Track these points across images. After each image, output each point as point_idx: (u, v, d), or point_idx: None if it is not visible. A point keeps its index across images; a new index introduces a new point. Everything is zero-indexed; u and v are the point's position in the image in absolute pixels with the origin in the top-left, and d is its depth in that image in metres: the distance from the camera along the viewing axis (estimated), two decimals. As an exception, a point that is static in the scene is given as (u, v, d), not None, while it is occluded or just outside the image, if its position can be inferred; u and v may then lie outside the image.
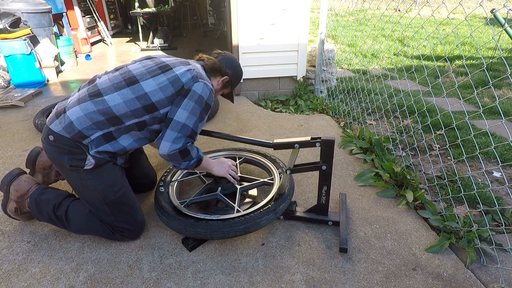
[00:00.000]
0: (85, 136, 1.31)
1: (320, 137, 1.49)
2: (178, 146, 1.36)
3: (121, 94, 1.33)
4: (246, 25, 3.14)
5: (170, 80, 1.37)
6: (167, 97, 1.36)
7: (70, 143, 1.32)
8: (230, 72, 1.59)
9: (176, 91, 1.37)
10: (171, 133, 1.35)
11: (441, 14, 10.53)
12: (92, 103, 1.31)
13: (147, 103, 1.34)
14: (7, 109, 3.15)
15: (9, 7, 3.80)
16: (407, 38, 6.76)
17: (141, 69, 1.40)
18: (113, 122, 1.33)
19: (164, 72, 1.38)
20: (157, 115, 1.38)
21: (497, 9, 3.57)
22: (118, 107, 1.32)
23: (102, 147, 1.35)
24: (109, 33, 6.71)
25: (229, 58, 1.61)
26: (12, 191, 1.52)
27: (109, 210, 1.44)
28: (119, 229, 1.48)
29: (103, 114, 1.31)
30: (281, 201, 1.53)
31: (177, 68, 1.41)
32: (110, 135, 1.35)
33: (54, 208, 1.48)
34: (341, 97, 3.57)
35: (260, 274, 1.38)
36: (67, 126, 1.30)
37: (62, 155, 1.34)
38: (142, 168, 1.82)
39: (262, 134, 2.69)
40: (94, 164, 1.35)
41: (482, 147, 2.46)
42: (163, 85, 1.35)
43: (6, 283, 1.33)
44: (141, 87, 1.34)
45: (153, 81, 1.36)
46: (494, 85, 4.05)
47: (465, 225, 1.61)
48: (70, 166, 1.34)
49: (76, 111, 1.31)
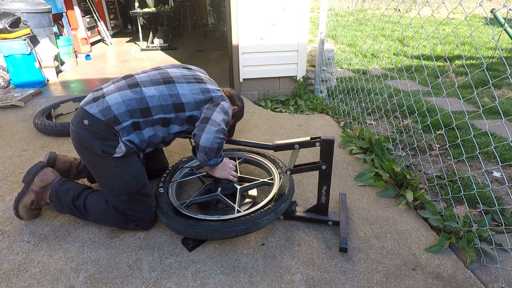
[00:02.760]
0: (118, 122, 1.40)
1: (319, 137, 1.49)
2: (218, 141, 1.48)
3: (157, 88, 1.47)
4: (246, 25, 3.14)
5: (202, 90, 1.56)
6: (196, 102, 1.52)
7: (104, 129, 1.39)
8: (240, 104, 1.82)
9: (205, 100, 1.54)
10: (211, 127, 1.47)
11: (441, 14, 10.53)
12: (131, 92, 1.44)
13: (177, 101, 1.49)
14: (7, 109, 3.15)
15: (9, 7, 3.80)
16: (407, 38, 6.76)
17: (178, 74, 1.57)
18: (144, 112, 1.44)
19: (198, 83, 1.58)
20: (182, 116, 1.52)
21: (497, 9, 3.57)
22: (152, 99, 1.45)
23: (130, 136, 1.44)
24: (109, 33, 6.71)
25: (239, 95, 1.86)
26: (37, 182, 1.59)
27: (128, 199, 1.51)
28: (134, 219, 1.55)
29: (138, 102, 1.43)
30: (281, 201, 1.53)
31: (209, 85, 1.61)
32: (137, 125, 1.45)
33: (74, 198, 1.56)
34: (341, 97, 3.57)
35: (260, 274, 1.38)
36: (104, 109, 1.39)
37: (95, 140, 1.40)
38: (159, 158, 1.96)
39: (262, 134, 2.69)
40: (124, 152, 1.43)
41: (482, 147, 2.46)
42: (195, 92, 1.54)
43: (6, 283, 1.33)
44: (176, 87, 1.51)
45: (187, 86, 1.53)
46: (494, 85, 4.05)
47: (465, 225, 1.61)
48: (101, 151, 1.41)
49: (115, 96, 1.42)
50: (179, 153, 2.36)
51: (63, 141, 2.49)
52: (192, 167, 1.90)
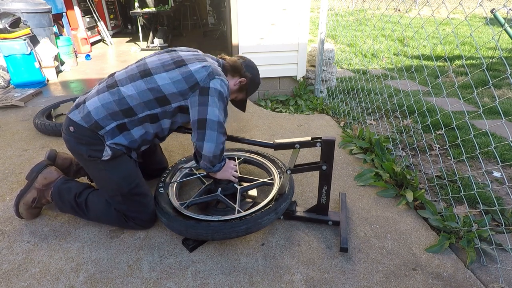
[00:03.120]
0: (101, 126, 1.37)
1: (320, 137, 1.49)
2: (221, 147, 1.42)
3: (135, 85, 1.38)
4: (246, 25, 3.14)
5: (184, 75, 1.39)
6: (180, 91, 1.39)
7: (88, 134, 1.38)
8: (250, 75, 1.61)
9: (190, 86, 1.38)
10: (212, 133, 1.39)
11: (441, 14, 10.53)
12: (109, 94, 1.38)
13: (159, 95, 1.38)
14: (7, 109, 3.15)
15: (9, 7, 3.79)
16: (407, 38, 6.76)
17: (156, 62, 1.44)
18: (127, 113, 1.38)
19: (178, 67, 1.41)
20: (168, 108, 1.42)
21: (497, 9, 3.57)
22: (131, 98, 1.37)
23: (117, 139, 1.40)
24: (109, 33, 6.71)
25: (250, 63, 1.65)
26: (40, 179, 1.60)
27: (123, 200, 1.50)
28: (132, 217, 1.54)
29: (118, 104, 1.37)
30: (281, 201, 1.53)
31: (192, 64, 1.42)
32: (123, 126, 1.40)
33: (75, 196, 1.56)
34: (341, 97, 3.57)
35: (260, 274, 1.38)
36: (85, 116, 1.37)
37: (81, 145, 1.40)
38: (158, 158, 1.93)
39: (262, 134, 2.69)
40: (111, 155, 1.41)
41: (482, 147, 2.46)
42: (176, 80, 1.38)
43: (6, 283, 1.33)
44: (154, 79, 1.38)
45: (167, 75, 1.39)
46: (494, 85, 4.05)
47: (465, 225, 1.61)
48: (88, 156, 1.41)
49: (94, 101, 1.37)
50: (179, 153, 2.36)
51: (63, 141, 2.48)
52: (192, 167, 1.90)
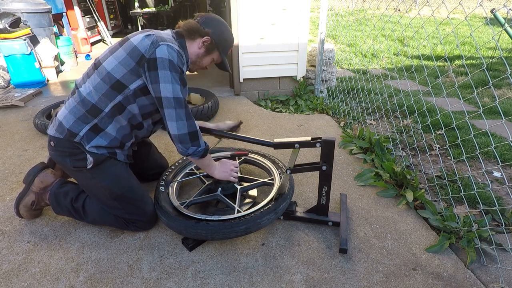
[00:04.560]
0: (74, 133, 1.36)
1: (320, 138, 1.49)
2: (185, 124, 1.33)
3: (90, 81, 1.36)
4: (246, 25, 3.14)
5: (127, 51, 1.31)
6: (130, 71, 1.31)
7: (68, 145, 1.38)
8: (211, 31, 1.42)
9: (137, 62, 1.29)
10: (169, 111, 1.32)
11: (441, 14, 10.53)
12: (72, 99, 1.39)
13: (112, 82, 1.32)
14: (7, 109, 3.15)
15: (9, 7, 3.80)
16: (407, 38, 6.76)
17: (106, 51, 1.39)
18: (93, 112, 1.35)
19: (122, 46, 1.34)
20: (128, 92, 1.34)
21: (497, 9, 3.57)
22: (90, 95, 1.34)
23: (94, 141, 1.38)
24: (109, 33, 6.70)
25: (209, 17, 1.44)
26: (37, 183, 1.59)
27: (118, 204, 1.49)
28: (132, 221, 1.54)
29: (83, 105, 1.35)
30: (281, 201, 1.53)
31: (135, 38, 1.33)
32: (96, 127, 1.37)
33: (72, 200, 1.55)
34: (341, 97, 3.57)
35: (260, 274, 1.38)
36: (58, 127, 1.38)
37: (64, 158, 1.40)
38: (154, 160, 1.89)
39: (262, 134, 2.69)
40: (93, 161, 1.39)
41: (482, 147, 2.46)
42: (122, 59, 1.30)
43: (6, 283, 1.33)
44: (104, 67, 1.33)
45: (113, 58, 1.32)
46: (494, 85, 4.05)
47: (465, 225, 1.61)
48: (73, 167, 1.41)
49: (62, 111, 1.40)
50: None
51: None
52: (193, 167, 1.90)
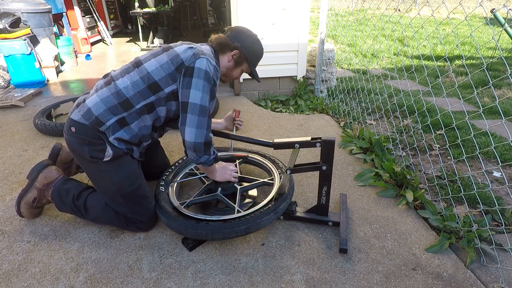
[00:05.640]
0: (101, 122, 1.37)
1: (320, 137, 1.49)
2: (203, 133, 1.38)
3: (129, 77, 1.41)
4: (246, 25, 3.12)
5: (170, 57, 1.40)
6: (168, 74, 1.39)
7: (90, 134, 1.38)
8: (239, 44, 1.53)
9: (176, 67, 1.38)
10: (192, 117, 1.36)
11: (441, 14, 10.53)
12: (107, 89, 1.41)
13: (150, 82, 1.40)
14: (7, 109, 3.15)
15: (9, 7, 3.80)
16: (407, 38, 6.76)
17: (147, 54, 1.49)
18: (125, 106, 1.39)
19: (165, 52, 1.44)
20: (162, 94, 1.42)
21: (497, 9, 3.57)
22: (127, 89, 1.39)
23: (118, 133, 1.40)
24: (109, 33, 6.71)
25: (238, 31, 1.55)
26: (41, 179, 1.60)
27: (124, 201, 1.50)
28: (133, 220, 1.54)
29: (116, 97, 1.39)
30: (281, 201, 1.53)
31: (178, 48, 1.44)
32: (123, 120, 1.40)
33: (74, 198, 1.56)
34: (341, 97, 3.57)
35: (260, 274, 1.38)
36: (85, 113, 1.38)
37: (83, 146, 1.40)
38: (162, 158, 1.96)
39: (262, 134, 2.69)
40: (112, 155, 1.41)
41: (482, 147, 2.46)
42: (163, 63, 1.40)
43: (6, 283, 1.33)
44: (144, 67, 1.41)
45: (155, 61, 1.41)
46: (494, 85, 4.05)
47: (465, 225, 1.61)
48: (90, 157, 1.41)
49: (93, 98, 1.40)
50: (179, 153, 2.36)
51: (63, 141, 2.49)
52: (193, 167, 1.90)
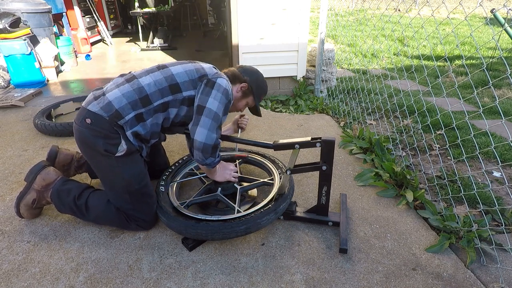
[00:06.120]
0: (121, 116, 1.40)
1: (320, 138, 1.49)
2: (213, 137, 1.44)
3: (152, 75, 1.49)
4: (246, 25, 3.14)
5: (195, 67, 1.55)
6: (191, 80, 1.50)
7: (106, 126, 1.40)
8: (248, 78, 1.67)
9: (199, 77, 1.51)
10: (206, 119, 1.43)
11: (441, 14, 10.53)
12: (129, 85, 1.46)
13: (172, 82, 1.48)
14: (7, 109, 3.15)
15: (9, 7, 3.80)
16: (407, 38, 6.76)
17: (173, 62, 1.58)
18: (144, 102, 1.44)
19: (192, 62, 1.59)
20: (179, 97, 1.50)
21: (497, 9, 3.57)
22: (149, 86, 1.46)
23: (136, 128, 1.45)
24: (109, 33, 6.71)
25: (248, 68, 1.72)
26: (39, 181, 1.60)
27: (130, 198, 1.51)
28: (135, 218, 1.55)
29: (138, 93, 1.44)
30: (281, 201, 1.53)
31: (204, 64, 1.60)
32: (141, 116, 1.45)
33: (75, 198, 1.56)
34: (341, 97, 3.57)
35: (260, 274, 1.38)
36: (105, 105, 1.40)
37: (98, 138, 1.41)
38: (163, 157, 2.01)
39: (262, 134, 2.69)
40: (126, 150, 1.43)
41: (482, 147, 2.46)
42: (188, 69, 1.53)
43: (6, 283, 1.33)
44: (169, 70, 1.52)
45: (181, 67, 1.54)
46: (494, 85, 4.05)
47: (465, 225, 1.61)
48: (104, 150, 1.42)
49: (114, 92, 1.44)
50: (179, 153, 2.36)
51: (63, 141, 2.49)
52: (193, 168, 1.90)
